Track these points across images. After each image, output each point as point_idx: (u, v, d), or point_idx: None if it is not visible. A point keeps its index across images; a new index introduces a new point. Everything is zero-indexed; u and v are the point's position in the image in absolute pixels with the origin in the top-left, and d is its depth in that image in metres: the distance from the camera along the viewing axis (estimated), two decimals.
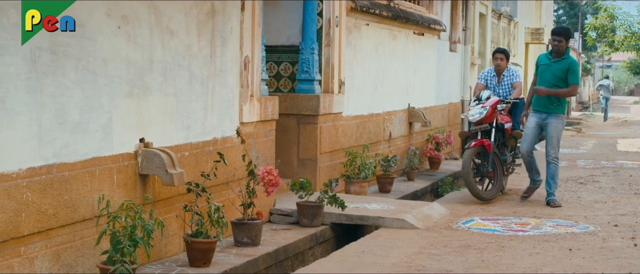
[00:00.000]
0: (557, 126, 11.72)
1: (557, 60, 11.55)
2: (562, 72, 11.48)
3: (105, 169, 6.83)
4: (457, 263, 7.90)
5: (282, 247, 8.59)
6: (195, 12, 8.12)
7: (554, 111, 11.67)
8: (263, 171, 8.60)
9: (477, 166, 12.15)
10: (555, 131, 11.73)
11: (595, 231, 9.64)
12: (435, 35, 17.10)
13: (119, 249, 6.28)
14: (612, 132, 31.76)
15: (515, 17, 29.83)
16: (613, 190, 13.36)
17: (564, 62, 11.54)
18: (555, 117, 11.68)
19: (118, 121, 6.98)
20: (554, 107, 11.66)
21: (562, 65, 11.50)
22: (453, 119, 19.00)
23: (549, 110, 11.67)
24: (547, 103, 11.65)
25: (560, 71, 11.49)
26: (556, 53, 11.57)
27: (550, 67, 11.59)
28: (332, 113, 11.79)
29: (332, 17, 11.61)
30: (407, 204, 11.06)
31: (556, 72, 11.51)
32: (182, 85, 7.94)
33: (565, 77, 11.49)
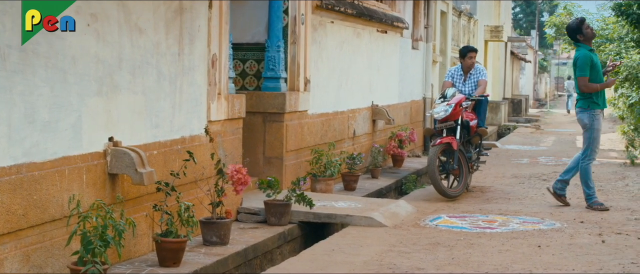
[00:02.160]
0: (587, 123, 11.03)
1: None
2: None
3: (75, 169, 6.75)
4: (428, 260, 7.90)
5: (251, 246, 8.55)
6: (164, 9, 8.05)
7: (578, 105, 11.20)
8: (232, 170, 8.55)
9: (443, 163, 12.18)
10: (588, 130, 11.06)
11: (562, 228, 9.69)
12: (398, 33, 17.13)
13: (90, 249, 6.21)
14: (570, 129, 32.01)
15: (475, 14, 30.00)
16: (576, 187, 13.36)
17: None
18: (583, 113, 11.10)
19: (87, 120, 6.90)
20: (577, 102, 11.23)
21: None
22: (415, 116, 19.04)
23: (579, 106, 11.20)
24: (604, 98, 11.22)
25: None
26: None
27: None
28: (298, 111, 11.76)
29: (298, 14, 11.58)
30: (374, 202, 11.05)
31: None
32: (151, 83, 7.87)
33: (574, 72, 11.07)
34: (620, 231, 9.46)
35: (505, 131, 31.95)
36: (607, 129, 30.01)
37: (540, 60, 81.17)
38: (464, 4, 28.43)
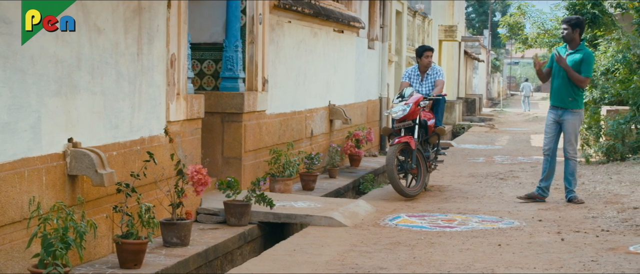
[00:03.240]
0: (573, 122, 11.37)
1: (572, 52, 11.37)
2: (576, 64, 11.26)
3: (34, 170, 6.66)
4: (390, 260, 7.90)
5: (212, 247, 8.50)
6: (122, 9, 7.98)
7: (571, 106, 11.35)
8: (192, 170, 8.50)
9: (401, 162, 12.20)
10: (572, 128, 11.39)
11: (521, 226, 9.74)
12: (355, 32, 17.15)
13: (51, 252, 6.14)
14: (524, 128, 32.26)
15: (429, 14, 30.12)
16: (533, 185, 13.47)
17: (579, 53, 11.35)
18: (571, 113, 11.36)
19: (46, 121, 6.81)
20: (570, 102, 11.35)
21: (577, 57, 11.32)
22: (372, 116, 19.07)
23: (566, 105, 11.37)
24: (565, 97, 11.35)
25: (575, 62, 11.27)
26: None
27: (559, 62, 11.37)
28: (256, 111, 11.72)
29: (256, 14, 11.54)
30: (334, 202, 11.05)
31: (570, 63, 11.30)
32: (110, 83, 7.79)
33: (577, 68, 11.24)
34: (579, 229, 9.52)
35: (460, 130, 32.13)
36: None
37: (492, 60, 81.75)
38: (418, 3, 28.53)
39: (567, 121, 11.42)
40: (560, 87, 11.41)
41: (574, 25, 11.44)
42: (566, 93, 11.36)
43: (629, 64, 18.42)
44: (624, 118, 16.64)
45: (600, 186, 12.97)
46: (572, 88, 11.33)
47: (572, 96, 11.37)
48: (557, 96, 11.47)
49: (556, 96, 11.48)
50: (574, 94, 11.36)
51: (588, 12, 20.12)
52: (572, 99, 11.37)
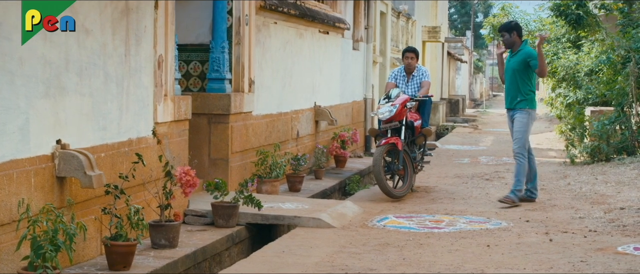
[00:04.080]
0: (521, 119, 11.46)
1: (515, 54, 11.54)
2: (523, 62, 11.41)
3: (23, 172, 6.62)
4: (379, 261, 7.89)
5: (200, 248, 8.47)
6: (110, 10, 7.94)
7: (519, 106, 11.48)
8: (180, 172, 8.47)
9: (388, 163, 12.19)
10: (519, 124, 11.49)
11: (508, 227, 9.75)
12: (340, 33, 17.14)
13: (41, 254, 6.11)
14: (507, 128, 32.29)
15: (413, 15, 30.14)
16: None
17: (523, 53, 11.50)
18: (519, 111, 11.49)
19: (35, 122, 6.77)
20: (518, 102, 11.49)
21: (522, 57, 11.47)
22: (357, 117, 19.07)
23: (514, 106, 11.54)
24: (513, 99, 11.53)
25: (521, 61, 11.42)
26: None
27: (508, 62, 11.62)
28: (242, 112, 11.69)
29: (242, 15, 11.52)
30: (321, 203, 11.03)
31: (514, 66, 11.48)
32: (98, 85, 7.76)
33: (517, 69, 11.42)
34: (566, 229, 9.54)
35: (444, 131, 32.16)
36: (544, 129, 30.40)
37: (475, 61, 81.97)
38: (402, 4, 28.53)
39: (515, 119, 11.58)
40: (510, 89, 11.65)
41: (510, 30, 11.68)
42: (515, 94, 11.56)
43: (613, 65, 18.47)
44: (609, 119, 16.69)
45: (586, 187, 13.00)
46: (520, 89, 11.51)
47: (522, 97, 11.53)
48: (508, 97, 11.70)
49: (507, 97, 11.73)
50: (524, 95, 11.52)
51: (572, 13, 20.15)
52: (520, 100, 11.53)
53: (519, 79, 11.50)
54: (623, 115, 16.78)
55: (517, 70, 11.48)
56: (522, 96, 11.51)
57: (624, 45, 17.90)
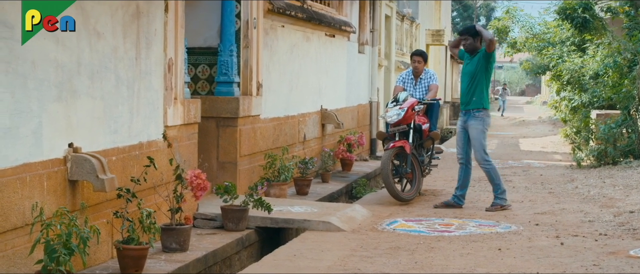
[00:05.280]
0: (476, 127, 11.40)
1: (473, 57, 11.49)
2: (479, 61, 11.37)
3: (36, 176, 6.60)
4: (391, 265, 7.87)
5: (211, 252, 8.45)
6: (121, 13, 7.92)
7: (473, 106, 11.38)
8: (191, 175, 8.45)
9: (396, 167, 12.16)
10: (476, 132, 11.42)
11: (518, 231, 9.72)
12: (346, 36, 17.12)
13: (55, 258, 6.08)
14: (511, 131, 32.31)
15: (417, 19, 30.13)
16: (527, 189, 13.55)
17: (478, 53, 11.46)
18: (474, 117, 11.40)
19: (47, 126, 6.75)
20: (473, 101, 11.39)
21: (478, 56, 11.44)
22: (362, 120, 19.05)
23: (469, 106, 11.42)
24: (469, 98, 11.42)
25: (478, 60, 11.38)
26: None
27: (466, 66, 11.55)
28: (250, 115, 11.67)
29: (250, 18, 11.50)
30: (330, 207, 11.01)
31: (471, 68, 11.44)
32: (109, 88, 7.74)
33: (475, 70, 11.36)
34: (577, 233, 9.52)
35: (448, 134, 32.13)
36: (548, 132, 30.38)
37: None
38: (406, 7, 28.53)
39: (470, 127, 11.48)
40: (466, 89, 11.51)
41: (474, 35, 11.58)
42: (471, 93, 11.43)
43: (619, 68, 18.45)
44: (616, 122, 16.69)
45: (594, 190, 12.99)
46: (476, 88, 11.39)
47: (477, 95, 11.41)
48: (463, 98, 11.57)
49: (462, 98, 11.60)
50: (477, 94, 11.39)
51: (578, 16, 20.15)
52: (475, 99, 11.41)
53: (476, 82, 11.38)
54: (629, 118, 16.78)
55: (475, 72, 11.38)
56: (477, 95, 11.41)
57: (631, 49, 17.91)
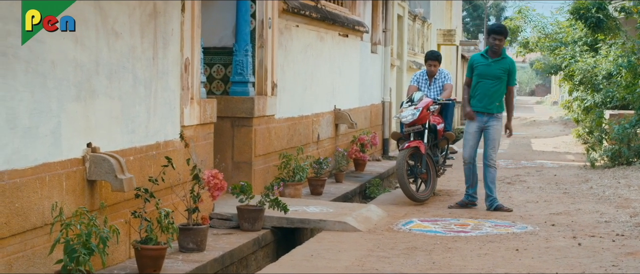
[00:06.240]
0: (498, 128, 11.45)
1: (496, 60, 11.35)
2: (502, 72, 11.27)
3: (55, 176, 6.60)
4: (409, 265, 7.86)
5: (228, 252, 8.45)
6: (139, 13, 7.92)
7: (496, 110, 11.39)
8: (208, 175, 8.45)
9: (411, 167, 12.13)
10: (497, 133, 11.46)
11: (535, 231, 9.69)
12: (359, 36, 17.11)
13: (75, 258, 6.07)
14: (523, 132, 32.19)
15: (428, 19, 30.08)
16: (542, 190, 13.51)
17: (504, 61, 11.36)
18: (496, 118, 11.42)
19: (66, 126, 6.75)
20: (495, 107, 11.37)
21: (503, 65, 11.32)
22: (375, 120, 19.04)
23: (491, 110, 11.36)
24: (489, 104, 11.34)
25: (501, 70, 11.28)
26: (493, 52, 11.30)
27: (490, 67, 11.30)
28: (265, 115, 11.66)
29: (265, 18, 11.49)
30: (345, 207, 11.00)
31: (496, 72, 11.28)
32: (127, 88, 7.74)
33: (504, 77, 11.29)
34: (594, 233, 9.49)
35: (459, 134, 32.02)
36: (559, 132, 30.30)
37: None
38: (418, 7, 28.48)
39: (492, 127, 11.46)
40: (486, 93, 11.38)
41: (506, 36, 11.53)
42: (493, 98, 11.37)
43: (633, 68, 18.39)
44: (630, 122, 16.63)
45: (609, 190, 12.94)
46: (497, 93, 11.35)
47: (499, 100, 11.40)
48: (483, 102, 11.42)
49: (483, 100, 11.41)
50: (499, 100, 11.40)
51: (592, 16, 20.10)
52: (498, 104, 11.41)
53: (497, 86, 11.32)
54: None
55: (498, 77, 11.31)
56: (499, 100, 11.41)
57: None
